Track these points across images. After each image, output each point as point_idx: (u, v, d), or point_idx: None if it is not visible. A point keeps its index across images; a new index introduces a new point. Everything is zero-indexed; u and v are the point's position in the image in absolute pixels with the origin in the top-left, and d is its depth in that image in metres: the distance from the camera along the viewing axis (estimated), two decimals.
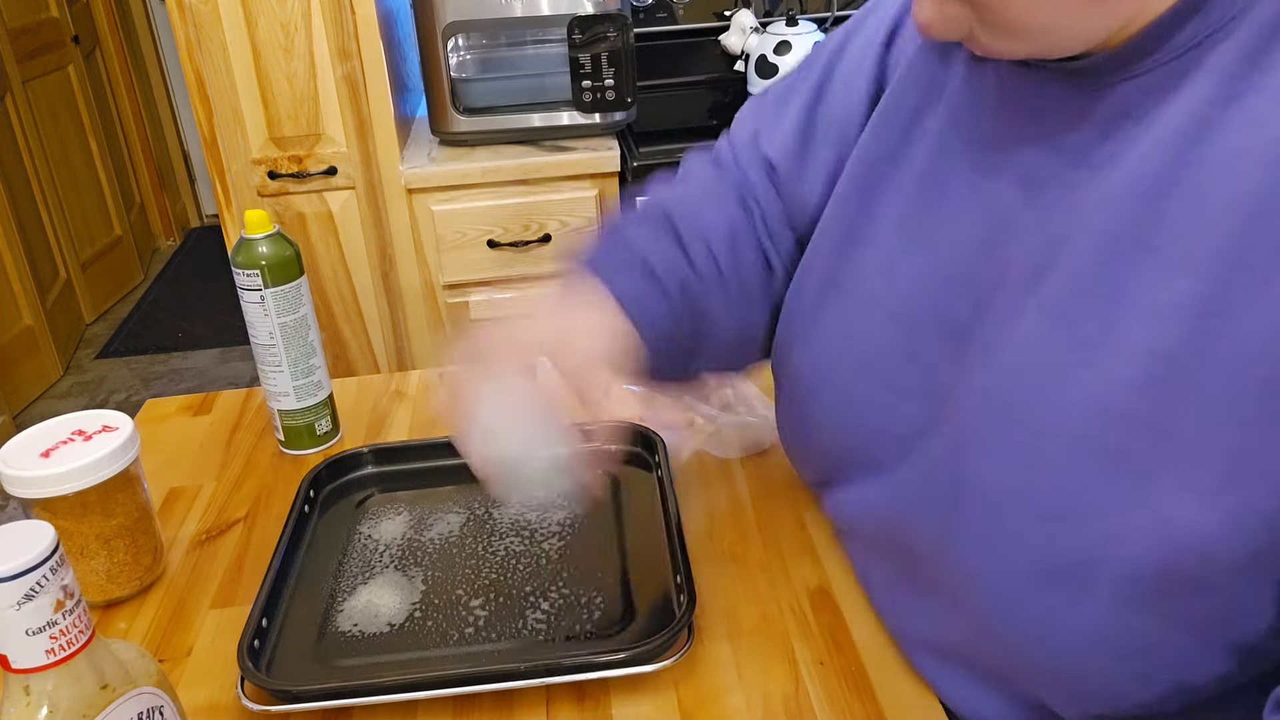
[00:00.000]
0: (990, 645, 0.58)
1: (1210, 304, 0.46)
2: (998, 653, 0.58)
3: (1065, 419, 0.51)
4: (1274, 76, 0.47)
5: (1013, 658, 0.57)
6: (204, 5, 1.63)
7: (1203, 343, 0.46)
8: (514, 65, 1.88)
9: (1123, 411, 0.49)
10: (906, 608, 0.67)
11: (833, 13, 2.07)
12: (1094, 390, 0.50)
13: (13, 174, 2.88)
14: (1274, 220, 0.45)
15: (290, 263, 0.89)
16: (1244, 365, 0.45)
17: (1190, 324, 0.47)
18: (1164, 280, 0.48)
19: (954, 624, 0.60)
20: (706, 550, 0.79)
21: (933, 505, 0.59)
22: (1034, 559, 0.53)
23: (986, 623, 0.56)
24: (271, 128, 1.72)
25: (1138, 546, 0.49)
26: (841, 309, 0.67)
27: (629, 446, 0.90)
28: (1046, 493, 0.52)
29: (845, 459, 0.69)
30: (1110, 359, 0.50)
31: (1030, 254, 0.55)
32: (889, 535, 0.66)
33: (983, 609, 0.56)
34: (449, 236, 1.79)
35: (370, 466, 0.90)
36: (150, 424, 1.03)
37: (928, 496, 0.60)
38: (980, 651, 0.60)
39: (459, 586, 0.76)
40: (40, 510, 0.73)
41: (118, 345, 3.24)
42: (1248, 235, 0.46)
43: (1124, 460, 0.49)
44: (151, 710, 0.52)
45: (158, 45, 3.98)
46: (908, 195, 0.63)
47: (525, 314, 0.68)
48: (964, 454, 0.56)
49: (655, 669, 0.66)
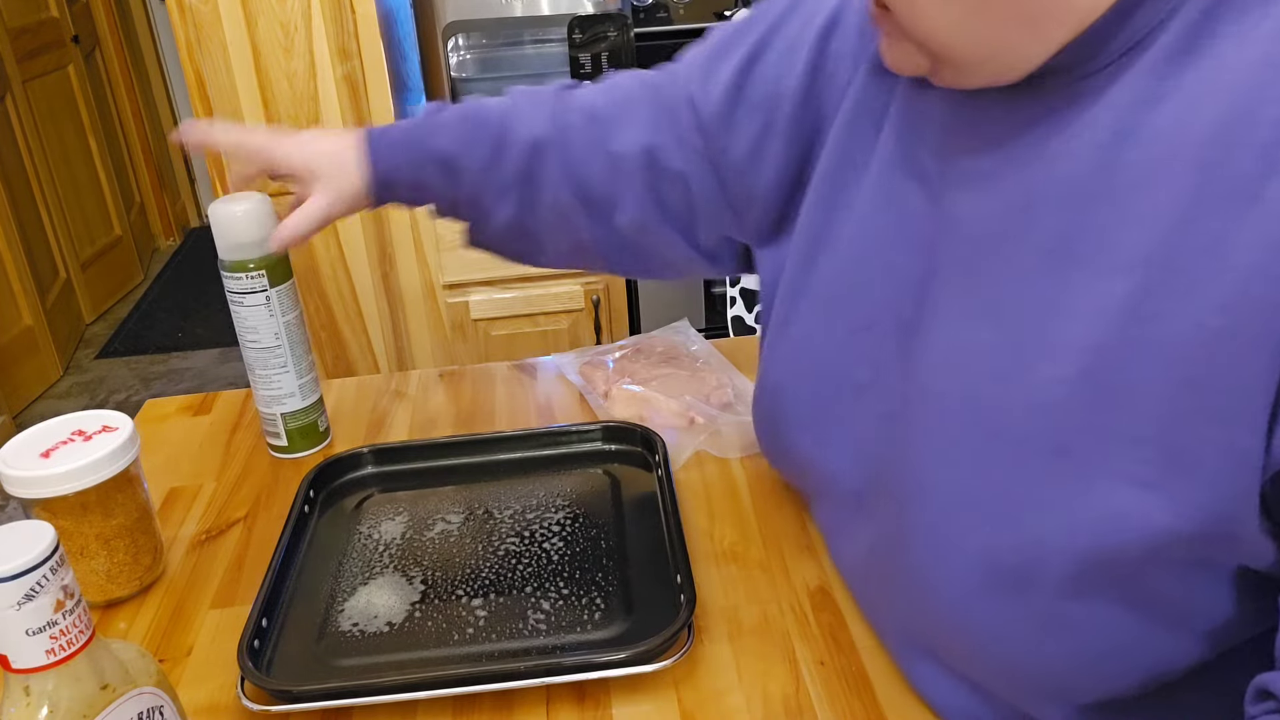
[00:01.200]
0: (955, 644, 0.59)
1: (1139, 305, 0.47)
2: (963, 651, 0.59)
3: (1007, 419, 0.52)
4: (1197, 74, 0.47)
5: (978, 657, 0.57)
6: (204, 5, 1.63)
7: (1132, 341, 0.47)
8: (514, 65, 1.88)
9: (1061, 408, 0.50)
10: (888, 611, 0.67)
11: None
12: (1034, 389, 0.51)
13: (13, 174, 2.88)
14: (1199, 225, 0.45)
15: (286, 260, 0.90)
16: (1170, 365, 0.46)
17: (1121, 323, 0.48)
18: (1096, 282, 0.49)
19: (924, 625, 0.61)
20: (706, 550, 0.79)
21: (889, 507, 0.61)
22: (984, 557, 0.54)
23: (948, 621, 0.57)
24: (272, 127, 1.72)
25: (1083, 540, 0.50)
26: (803, 316, 0.69)
27: (629, 446, 0.90)
28: (992, 492, 0.53)
29: (811, 465, 0.70)
30: (1048, 358, 0.51)
31: (967, 256, 0.56)
32: (857, 536, 0.67)
33: (941, 608, 0.57)
34: (449, 236, 1.79)
35: (370, 466, 0.90)
36: (150, 424, 1.03)
37: (884, 498, 0.62)
38: (950, 652, 0.60)
39: (459, 586, 0.76)
40: (40, 510, 0.73)
41: (117, 345, 3.24)
42: (1174, 239, 0.46)
43: (1065, 456, 0.50)
44: (151, 710, 0.52)
45: (158, 45, 3.98)
46: (863, 202, 0.65)
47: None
48: (914, 454, 0.58)
49: (655, 669, 0.66)
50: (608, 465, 0.89)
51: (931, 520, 0.57)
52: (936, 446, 0.56)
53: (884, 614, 0.68)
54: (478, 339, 1.89)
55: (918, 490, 0.57)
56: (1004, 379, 0.53)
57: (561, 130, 0.79)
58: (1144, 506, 0.48)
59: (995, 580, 0.53)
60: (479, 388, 1.06)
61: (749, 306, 1.75)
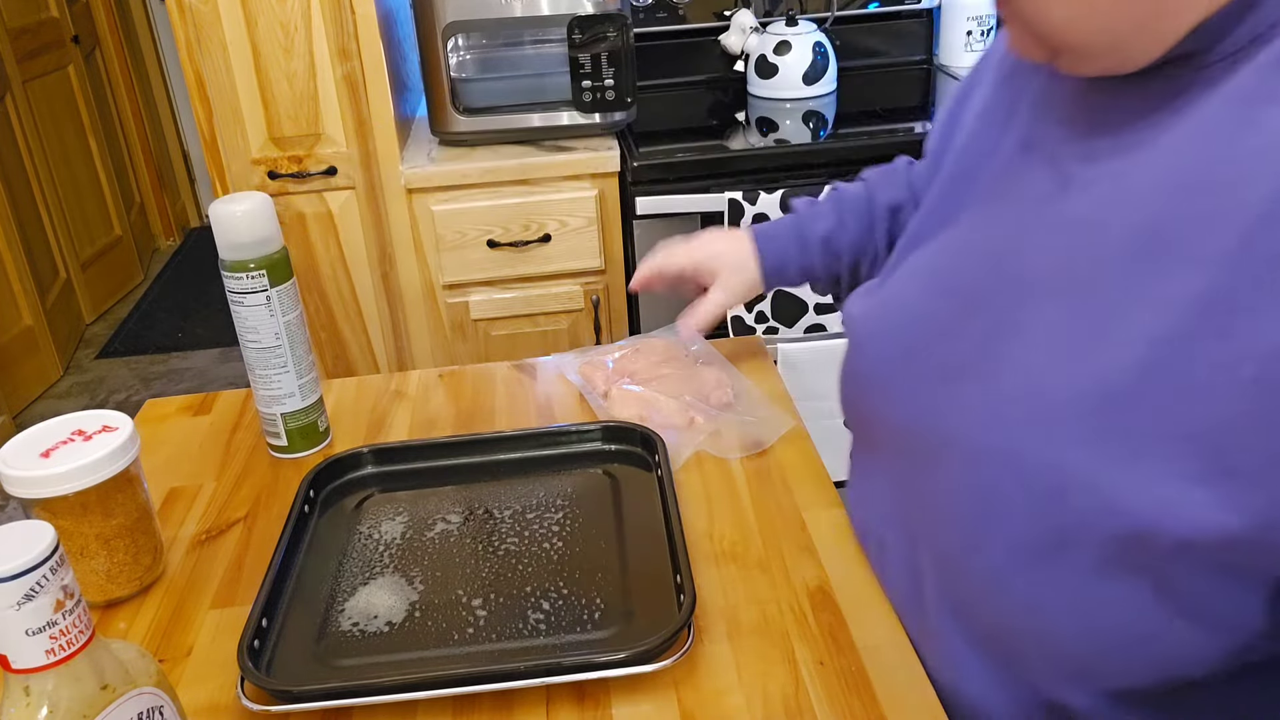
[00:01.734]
0: (989, 610, 0.60)
1: (1214, 303, 0.47)
2: (995, 619, 0.59)
3: (1066, 396, 0.53)
4: None
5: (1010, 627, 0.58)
6: (204, 5, 1.63)
7: (1200, 336, 0.48)
8: (514, 65, 1.88)
9: (1121, 395, 0.51)
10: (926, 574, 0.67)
11: (833, 12, 2.07)
12: (1096, 371, 0.52)
13: (13, 174, 2.88)
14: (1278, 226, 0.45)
15: (287, 260, 0.89)
16: (1234, 365, 0.46)
17: (1193, 318, 0.48)
18: (1176, 274, 0.49)
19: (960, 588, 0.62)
20: (706, 550, 0.79)
21: (941, 466, 0.62)
22: (1025, 526, 0.55)
23: (985, 585, 0.58)
24: (271, 128, 1.72)
25: (1123, 523, 0.51)
26: (903, 274, 0.72)
27: (629, 446, 0.90)
28: (1042, 464, 0.54)
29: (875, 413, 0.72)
30: (1116, 343, 0.51)
31: (1060, 240, 0.57)
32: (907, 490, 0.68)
33: (980, 572, 0.58)
34: (449, 236, 1.79)
35: (370, 466, 0.90)
36: (150, 424, 1.03)
37: (936, 456, 0.63)
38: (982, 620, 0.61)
39: (459, 586, 0.76)
40: (40, 510, 0.73)
41: (117, 345, 3.24)
42: (1257, 237, 0.46)
43: (1118, 440, 0.51)
44: (151, 710, 0.52)
45: (158, 45, 3.98)
46: (983, 187, 0.67)
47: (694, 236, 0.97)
48: (970, 416, 0.59)
49: (655, 669, 0.66)
50: (607, 465, 0.89)
51: (978, 483, 0.58)
52: (993, 411, 0.57)
53: (919, 577, 0.68)
54: (478, 339, 1.89)
55: (969, 453, 0.59)
56: (1070, 357, 0.53)
57: (913, 195, 0.91)
58: (1189, 501, 0.48)
59: (1033, 550, 0.55)
60: (479, 388, 1.06)
61: (749, 306, 1.75)
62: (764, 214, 1.68)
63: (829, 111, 1.97)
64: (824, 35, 2.00)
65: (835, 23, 2.06)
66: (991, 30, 2.09)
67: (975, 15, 2.07)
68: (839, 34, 2.08)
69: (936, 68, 2.16)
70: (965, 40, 2.09)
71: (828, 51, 1.99)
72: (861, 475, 0.78)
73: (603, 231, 1.82)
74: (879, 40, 2.17)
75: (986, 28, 2.08)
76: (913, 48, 2.18)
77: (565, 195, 1.79)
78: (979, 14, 2.07)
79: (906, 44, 2.18)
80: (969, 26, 2.08)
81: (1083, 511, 0.52)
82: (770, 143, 1.87)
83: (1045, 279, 0.58)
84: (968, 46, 2.09)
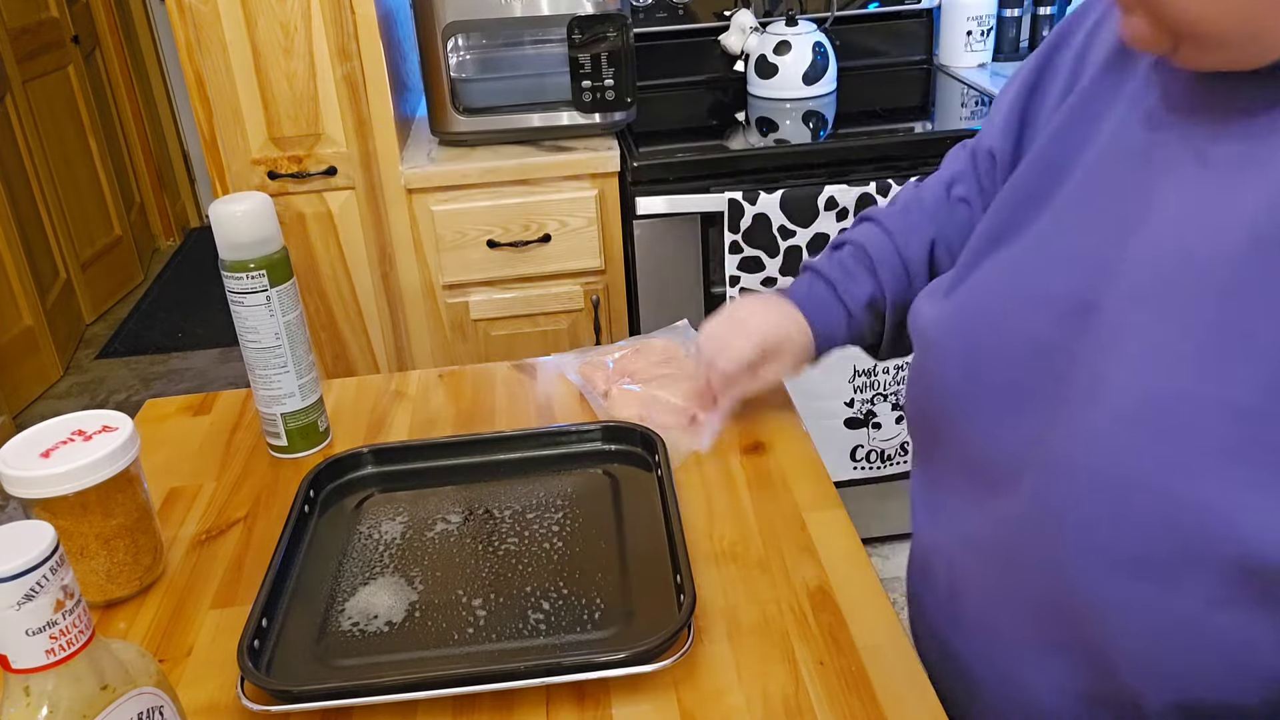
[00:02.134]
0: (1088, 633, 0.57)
1: None
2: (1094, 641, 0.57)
3: (1186, 414, 0.50)
4: None
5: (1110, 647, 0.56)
6: (204, 5, 1.63)
7: None
8: (514, 65, 1.88)
9: (1250, 413, 0.48)
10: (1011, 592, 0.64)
11: (833, 12, 2.07)
12: (1223, 387, 0.49)
13: (13, 174, 2.88)
14: None
15: (286, 260, 0.89)
16: None
17: None
18: None
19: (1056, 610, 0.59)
20: (706, 550, 0.79)
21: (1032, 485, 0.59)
22: (1137, 549, 0.52)
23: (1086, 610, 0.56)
24: (271, 128, 1.72)
25: (1242, 550, 0.48)
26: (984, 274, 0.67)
27: (629, 446, 0.90)
28: (1155, 485, 0.51)
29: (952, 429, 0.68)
30: (1246, 356, 0.49)
31: (1170, 239, 0.54)
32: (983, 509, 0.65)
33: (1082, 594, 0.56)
34: (449, 236, 1.79)
35: (370, 466, 0.90)
36: (150, 424, 1.03)
37: (1028, 474, 0.59)
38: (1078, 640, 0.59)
39: (459, 586, 0.76)
40: (40, 510, 0.73)
41: (117, 345, 3.24)
42: None
43: (1241, 462, 0.48)
44: (151, 710, 0.52)
45: (158, 45, 3.98)
46: (1072, 187, 0.63)
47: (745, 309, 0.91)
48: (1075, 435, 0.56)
49: (655, 669, 0.66)
50: (607, 465, 0.89)
51: (1084, 505, 0.54)
52: (1101, 430, 0.54)
53: (1002, 595, 0.65)
54: (478, 339, 1.89)
55: (1072, 472, 0.55)
56: (1191, 374, 0.50)
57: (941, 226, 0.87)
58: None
59: (1146, 572, 0.52)
60: (479, 388, 1.06)
61: None
62: (764, 214, 1.68)
63: (829, 111, 1.97)
64: (824, 35, 2.00)
65: (835, 23, 2.06)
66: (991, 30, 2.09)
67: (975, 15, 2.07)
68: (839, 34, 2.08)
69: (936, 68, 2.17)
70: (965, 40, 2.09)
71: (828, 51, 1.99)
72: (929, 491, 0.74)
73: (603, 231, 1.82)
74: (879, 40, 2.17)
75: (986, 28, 2.09)
76: (913, 48, 2.19)
77: (565, 195, 1.79)
78: (979, 14, 2.07)
79: (906, 44, 2.18)
80: (969, 26, 2.08)
81: (1206, 538, 0.49)
82: (770, 143, 1.87)
83: (1161, 278, 0.54)
84: (968, 46, 2.09)
